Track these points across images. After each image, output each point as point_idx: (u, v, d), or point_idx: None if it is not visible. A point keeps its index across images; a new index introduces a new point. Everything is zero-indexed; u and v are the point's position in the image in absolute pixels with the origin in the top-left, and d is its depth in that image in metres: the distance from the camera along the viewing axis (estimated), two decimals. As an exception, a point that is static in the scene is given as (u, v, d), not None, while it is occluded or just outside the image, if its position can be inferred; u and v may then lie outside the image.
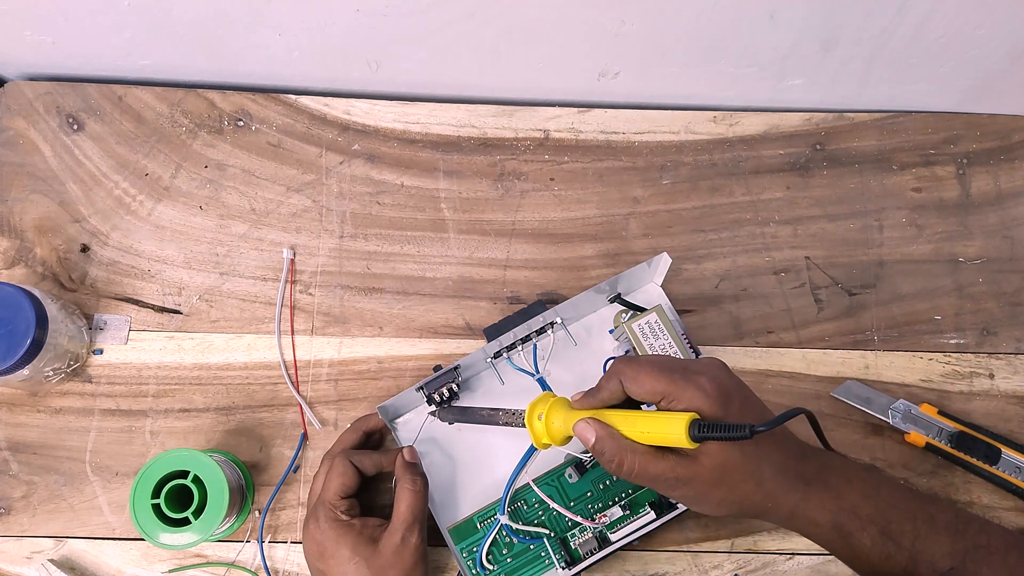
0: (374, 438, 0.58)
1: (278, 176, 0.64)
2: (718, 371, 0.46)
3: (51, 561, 0.55)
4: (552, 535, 0.54)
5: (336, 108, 0.66)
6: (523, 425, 0.49)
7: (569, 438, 0.48)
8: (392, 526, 0.50)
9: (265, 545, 0.57)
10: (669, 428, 0.43)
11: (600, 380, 0.48)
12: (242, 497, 0.56)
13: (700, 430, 0.42)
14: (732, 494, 0.44)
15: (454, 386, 0.55)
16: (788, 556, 0.58)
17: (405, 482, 0.52)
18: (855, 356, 0.62)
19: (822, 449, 0.48)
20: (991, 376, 0.62)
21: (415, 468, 0.53)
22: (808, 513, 0.45)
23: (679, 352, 0.55)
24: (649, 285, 0.61)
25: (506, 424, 0.51)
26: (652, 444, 0.44)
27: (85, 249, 0.62)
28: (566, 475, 0.56)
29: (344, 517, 0.50)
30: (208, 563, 0.56)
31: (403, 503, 0.51)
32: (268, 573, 0.56)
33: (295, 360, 0.60)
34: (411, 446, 0.55)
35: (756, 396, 0.47)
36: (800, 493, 0.44)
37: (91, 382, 0.59)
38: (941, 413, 0.60)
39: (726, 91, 0.67)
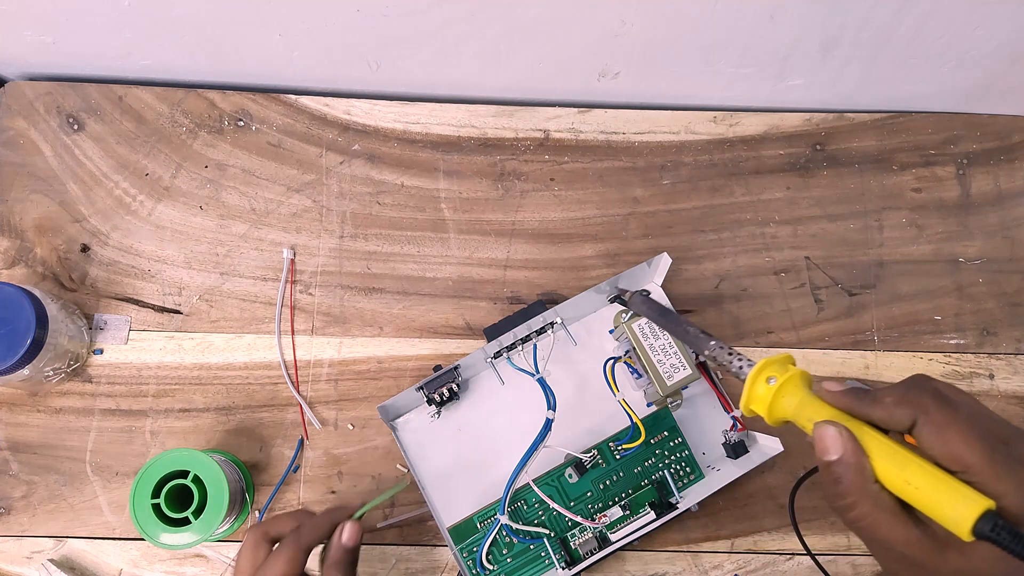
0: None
1: (278, 176, 0.64)
2: None
3: (51, 561, 0.55)
4: (552, 535, 0.54)
5: (336, 108, 0.66)
6: (736, 374, 0.41)
7: (786, 422, 0.40)
8: None
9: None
10: (952, 503, 0.33)
11: (886, 392, 0.36)
12: (242, 497, 0.56)
13: (994, 529, 0.32)
14: None
15: (454, 386, 0.55)
16: (788, 556, 0.58)
17: (334, 564, 0.44)
18: (855, 356, 0.62)
19: None
20: (991, 376, 0.62)
21: (350, 552, 0.44)
22: None
23: (679, 353, 0.55)
24: (649, 285, 0.61)
25: (711, 359, 0.42)
26: (907, 501, 0.34)
27: (85, 249, 0.62)
28: (566, 475, 0.56)
29: None
30: (208, 563, 0.57)
31: None
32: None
33: (295, 360, 0.60)
34: (353, 523, 0.45)
35: None
36: None
37: (91, 382, 0.59)
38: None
39: (726, 91, 0.67)
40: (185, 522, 0.51)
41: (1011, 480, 0.33)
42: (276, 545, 0.44)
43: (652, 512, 0.54)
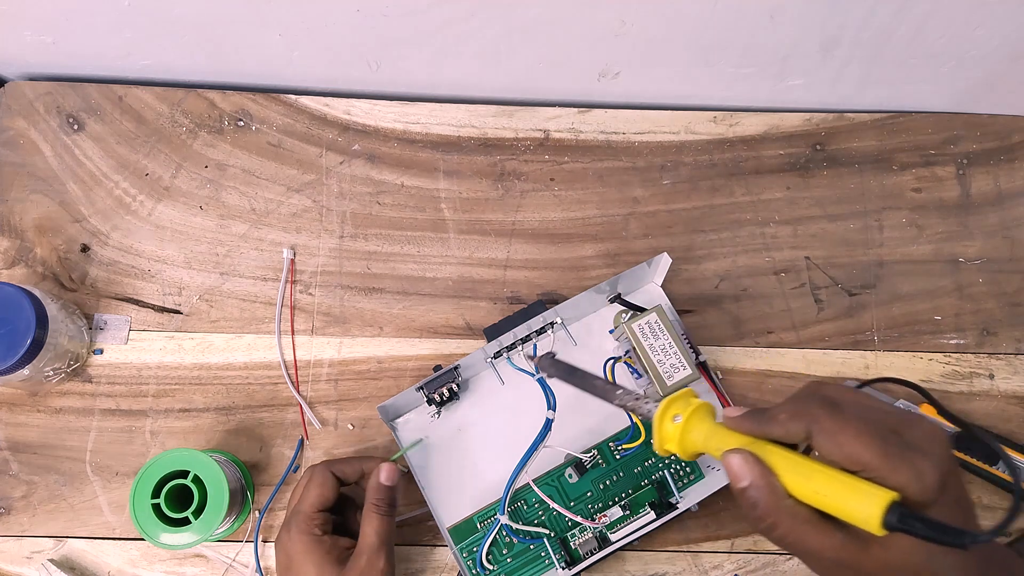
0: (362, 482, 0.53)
1: (278, 176, 0.64)
2: (944, 452, 0.36)
3: (51, 561, 0.55)
4: (552, 535, 0.54)
5: (336, 108, 0.66)
6: (646, 417, 0.42)
7: (700, 454, 0.41)
8: (358, 550, 0.48)
9: (263, 545, 0.57)
10: (858, 503, 0.34)
11: (778, 409, 0.38)
12: (242, 497, 0.56)
13: (901, 520, 0.33)
14: None
15: (454, 386, 0.55)
16: (788, 556, 0.58)
17: (374, 504, 0.49)
18: (855, 356, 0.62)
19: (1007, 551, 0.40)
20: (991, 376, 0.62)
21: (389, 492, 0.50)
22: None
23: (679, 353, 0.55)
24: (649, 285, 0.61)
25: (622, 407, 0.44)
26: (821, 509, 0.35)
27: (85, 249, 0.62)
28: (566, 475, 0.56)
29: (317, 531, 0.48)
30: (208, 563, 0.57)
31: (370, 526, 0.49)
32: (261, 573, 0.56)
33: (295, 360, 0.60)
34: (389, 463, 0.52)
35: (963, 485, 0.37)
36: None
37: (91, 382, 0.59)
38: (941, 413, 0.59)
39: (726, 91, 0.67)
40: (185, 522, 0.51)
41: (907, 469, 0.34)
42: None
43: (652, 512, 0.54)
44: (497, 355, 0.57)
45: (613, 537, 0.54)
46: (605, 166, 0.66)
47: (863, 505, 0.34)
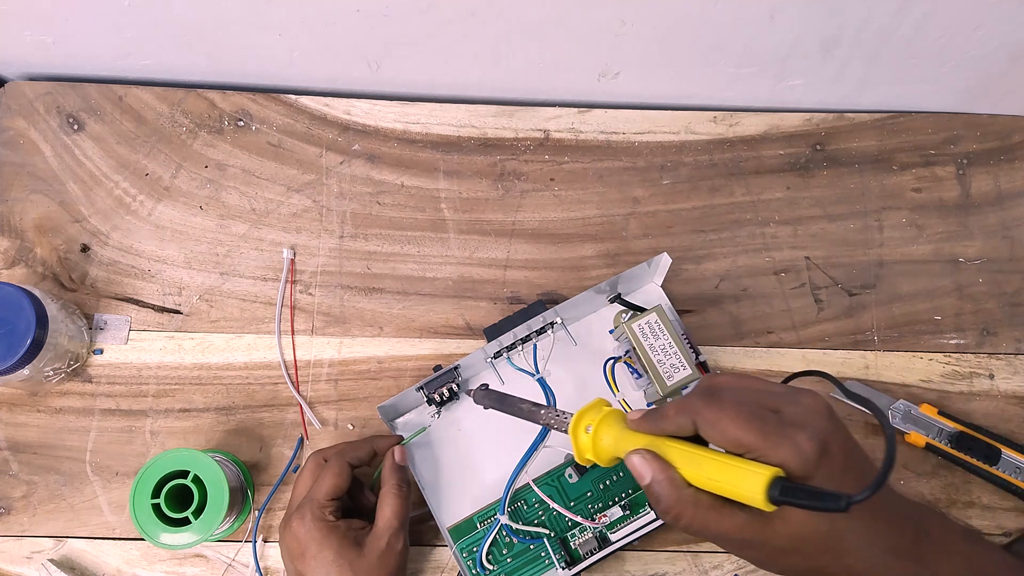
0: (375, 460, 0.55)
1: (278, 176, 0.64)
2: (823, 422, 0.37)
3: (51, 561, 0.55)
4: (552, 535, 0.54)
5: (336, 108, 0.66)
6: (566, 431, 0.44)
7: (618, 459, 0.43)
8: (377, 530, 0.49)
9: (262, 545, 0.57)
10: (744, 483, 0.36)
11: (668, 406, 0.40)
12: (242, 497, 0.56)
13: (783, 493, 0.34)
14: (805, 563, 0.38)
15: (454, 386, 0.55)
16: (788, 556, 0.58)
17: (391, 485, 0.51)
18: (855, 356, 0.62)
19: (919, 506, 0.41)
20: (991, 376, 0.62)
21: (403, 472, 0.52)
22: None
23: (679, 353, 0.55)
24: (649, 285, 0.61)
25: (546, 425, 0.47)
26: (716, 493, 0.37)
27: (85, 249, 0.62)
28: (566, 475, 0.56)
29: (330, 518, 0.49)
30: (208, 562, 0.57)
31: (388, 507, 0.50)
32: (260, 573, 0.56)
33: (295, 360, 0.60)
34: (402, 446, 0.54)
35: (860, 449, 0.39)
36: (885, 569, 0.38)
37: (91, 382, 0.59)
38: (941, 413, 0.60)
39: (726, 91, 0.67)
40: (185, 522, 0.51)
41: (786, 445, 0.36)
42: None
43: (652, 512, 0.54)
44: (497, 355, 0.57)
45: (613, 537, 0.54)
46: (605, 166, 0.66)
47: (748, 484, 0.35)
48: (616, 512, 0.55)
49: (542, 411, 0.47)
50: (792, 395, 0.39)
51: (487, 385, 0.53)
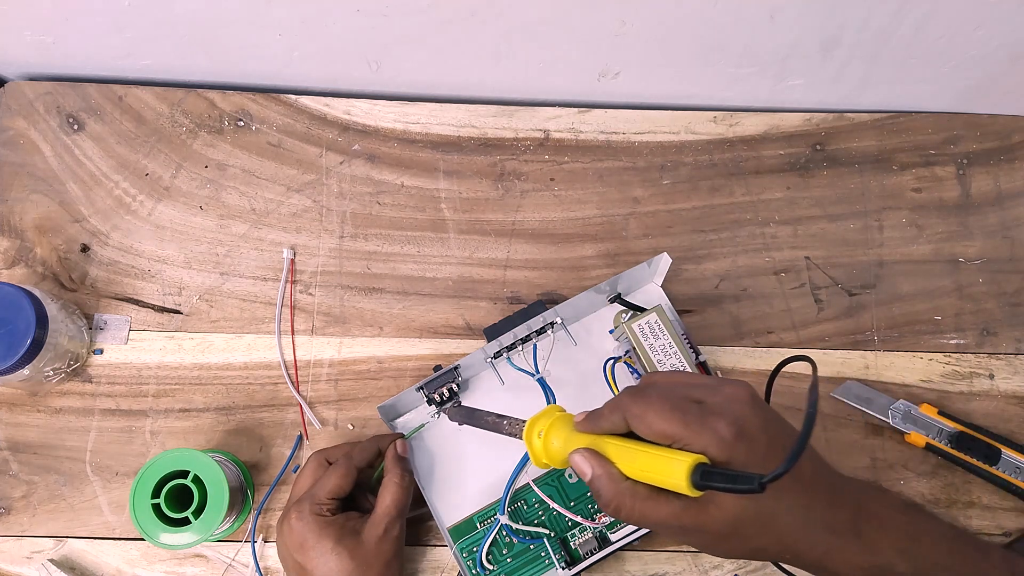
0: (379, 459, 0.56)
1: (278, 176, 0.64)
2: (742, 408, 0.39)
3: (51, 561, 0.55)
4: (552, 535, 0.54)
5: (336, 108, 0.66)
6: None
7: None
8: (375, 518, 0.50)
9: (262, 545, 0.57)
10: (670, 472, 0.37)
11: (604, 406, 0.42)
12: (242, 497, 0.56)
13: (703, 477, 0.36)
14: (745, 545, 0.39)
15: (454, 386, 0.55)
16: (788, 556, 0.58)
17: (393, 476, 0.52)
18: (855, 356, 0.62)
19: (857, 483, 0.42)
20: (991, 376, 0.62)
21: (404, 463, 0.53)
22: (835, 568, 0.39)
23: (679, 353, 0.55)
24: (649, 285, 0.61)
25: (510, 435, 0.49)
26: (651, 483, 0.39)
27: (85, 249, 0.62)
28: (566, 475, 0.56)
29: (328, 514, 0.50)
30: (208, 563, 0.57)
31: (388, 497, 0.51)
32: (260, 573, 0.56)
33: (295, 360, 0.60)
34: (403, 439, 0.55)
35: (789, 429, 0.40)
36: (825, 546, 0.39)
37: (91, 382, 0.59)
38: (941, 413, 0.60)
39: (726, 91, 0.67)
40: (185, 522, 0.51)
41: (707, 433, 0.37)
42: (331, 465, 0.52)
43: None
44: (497, 355, 0.57)
45: (613, 537, 0.54)
46: (605, 166, 0.66)
47: (673, 472, 0.37)
48: (616, 512, 0.55)
49: (504, 422, 0.49)
50: (715, 385, 0.41)
51: (459, 402, 0.55)
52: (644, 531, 0.54)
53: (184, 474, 0.52)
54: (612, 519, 0.54)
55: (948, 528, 0.42)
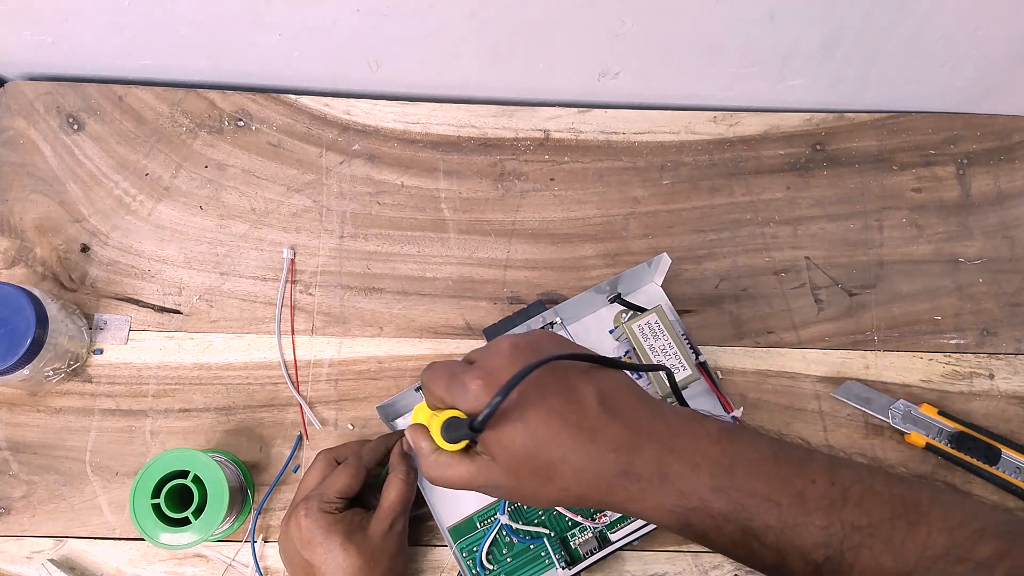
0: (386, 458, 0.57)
1: (278, 176, 0.64)
2: (498, 360, 0.40)
3: (51, 561, 0.55)
4: (552, 535, 0.54)
5: (336, 108, 0.66)
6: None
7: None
8: (380, 513, 0.51)
9: (262, 545, 0.57)
10: (433, 432, 0.41)
11: None
12: (242, 497, 0.56)
13: (444, 431, 0.40)
14: (545, 494, 0.39)
15: (454, 386, 0.55)
16: (788, 556, 0.58)
17: (399, 472, 0.52)
18: (855, 356, 0.62)
19: (672, 419, 0.40)
20: (991, 376, 0.62)
21: (409, 460, 0.54)
22: (648, 513, 0.38)
23: (679, 353, 0.55)
24: (649, 285, 0.61)
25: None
26: (447, 448, 0.42)
27: (85, 249, 0.62)
28: (566, 475, 0.56)
29: (334, 512, 0.51)
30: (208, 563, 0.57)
31: (393, 492, 0.52)
32: (260, 573, 0.56)
33: (295, 360, 0.60)
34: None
35: (546, 376, 0.39)
36: (625, 492, 0.38)
37: (91, 382, 0.59)
38: (941, 413, 0.60)
39: (726, 91, 0.67)
40: (185, 522, 0.51)
41: (458, 388, 0.40)
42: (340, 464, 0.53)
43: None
44: (497, 355, 0.57)
45: (613, 537, 0.54)
46: (605, 166, 0.66)
47: (435, 432, 0.41)
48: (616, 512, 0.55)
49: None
50: (490, 344, 0.42)
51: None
52: (644, 531, 0.54)
53: (184, 474, 0.52)
54: (612, 519, 0.54)
55: (767, 447, 0.39)
